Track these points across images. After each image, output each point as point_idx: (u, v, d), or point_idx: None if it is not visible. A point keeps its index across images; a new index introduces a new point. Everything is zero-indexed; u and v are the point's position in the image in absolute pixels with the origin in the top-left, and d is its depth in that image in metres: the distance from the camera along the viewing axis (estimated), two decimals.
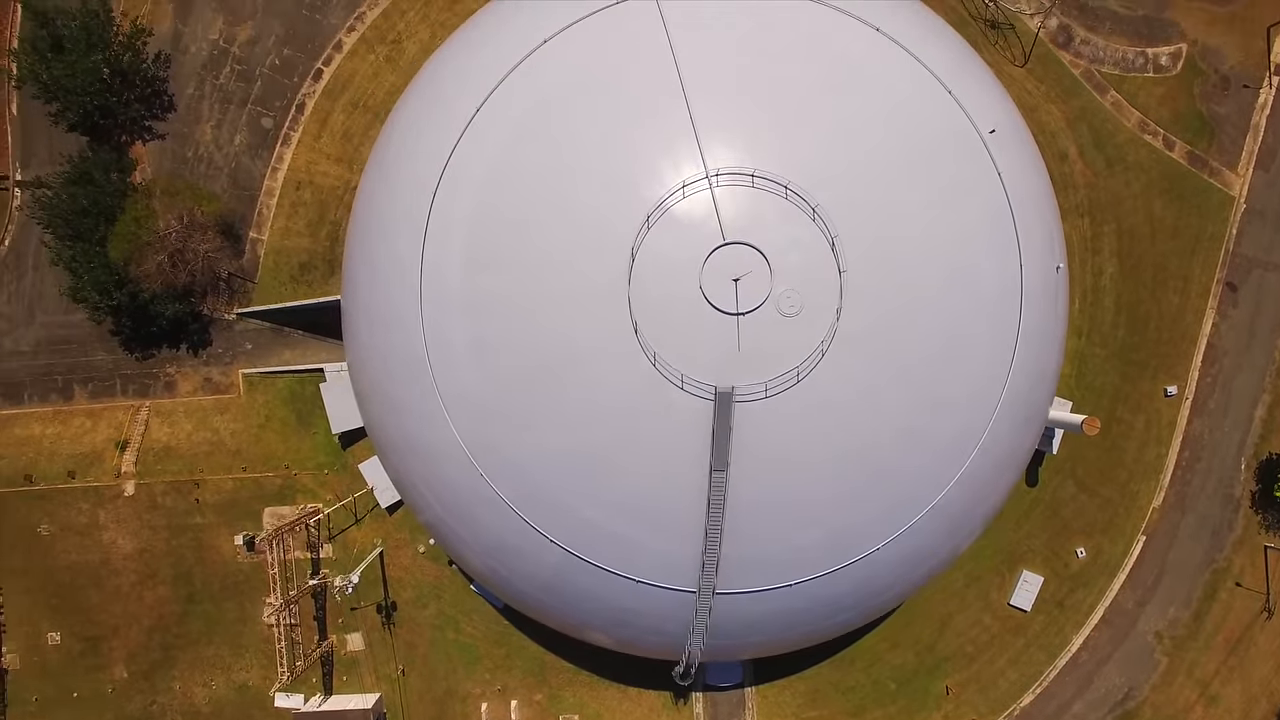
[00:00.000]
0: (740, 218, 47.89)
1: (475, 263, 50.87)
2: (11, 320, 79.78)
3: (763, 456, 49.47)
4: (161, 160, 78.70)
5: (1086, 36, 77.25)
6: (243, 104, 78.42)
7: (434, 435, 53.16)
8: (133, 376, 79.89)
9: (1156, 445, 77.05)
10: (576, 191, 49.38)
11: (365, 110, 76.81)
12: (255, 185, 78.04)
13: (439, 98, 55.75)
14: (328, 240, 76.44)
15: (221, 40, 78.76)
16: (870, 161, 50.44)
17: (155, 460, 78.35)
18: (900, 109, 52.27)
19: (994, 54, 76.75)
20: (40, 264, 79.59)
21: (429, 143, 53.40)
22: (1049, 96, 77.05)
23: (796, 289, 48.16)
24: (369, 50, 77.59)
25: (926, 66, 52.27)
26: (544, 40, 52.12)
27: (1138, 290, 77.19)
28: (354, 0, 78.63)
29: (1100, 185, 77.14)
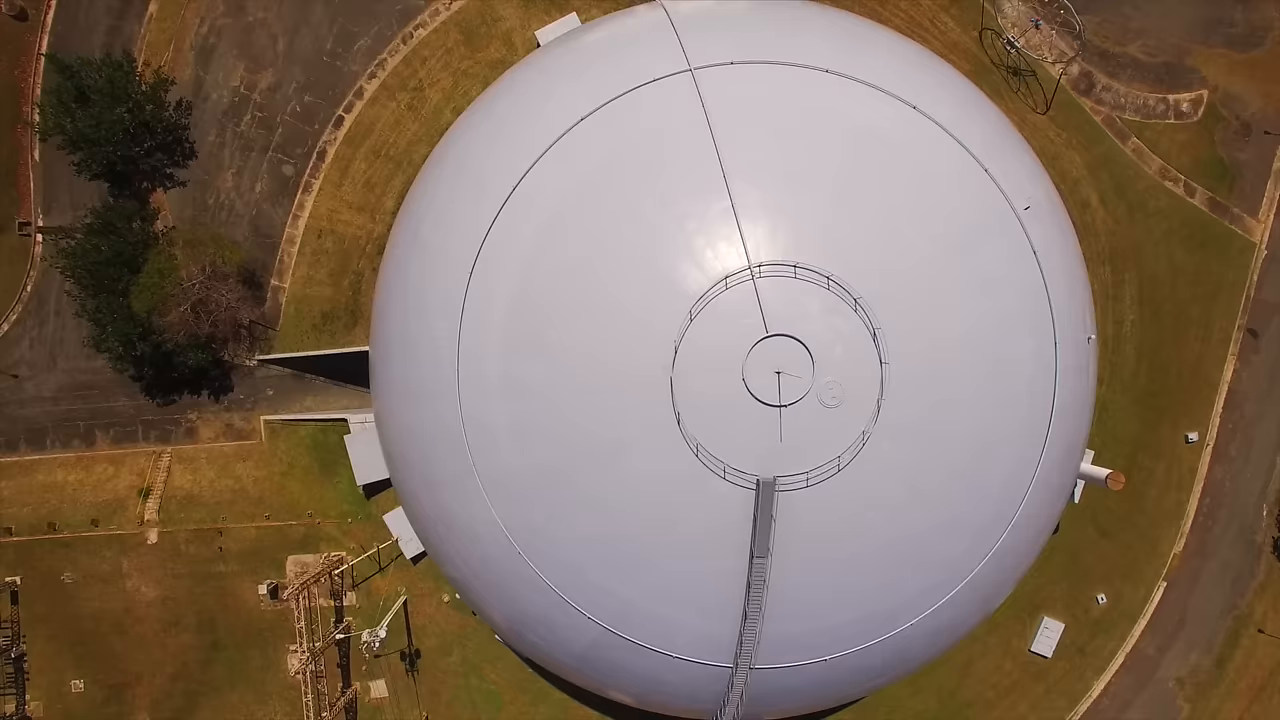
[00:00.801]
0: (783, 309, 48.09)
1: (514, 347, 50.99)
2: (34, 366, 79.84)
3: (802, 542, 49.75)
4: (183, 207, 78.66)
5: (1108, 83, 77.34)
6: (264, 151, 78.35)
7: (471, 512, 53.37)
8: (154, 422, 79.97)
9: (1177, 491, 77.38)
10: (617, 282, 49.50)
11: (387, 159, 76.75)
12: (276, 233, 78.04)
13: (472, 173, 55.69)
14: (350, 290, 76.44)
15: (242, 87, 78.68)
16: (910, 248, 50.63)
17: (178, 508, 78.49)
18: (939, 191, 52.37)
19: (1016, 101, 76.74)
20: (62, 310, 79.66)
21: (463, 221, 53.49)
22: (1070, 144, 77.15)
23: (838, 381, 48.40)
24: (390, 98, 77.54)
25: (964, 145, 52.44)
26: (579, 119, 52.06)
27: (1159, 337, 77.42)
28: (375, 47, 78.32)
29: (1121, 232, 77.32)
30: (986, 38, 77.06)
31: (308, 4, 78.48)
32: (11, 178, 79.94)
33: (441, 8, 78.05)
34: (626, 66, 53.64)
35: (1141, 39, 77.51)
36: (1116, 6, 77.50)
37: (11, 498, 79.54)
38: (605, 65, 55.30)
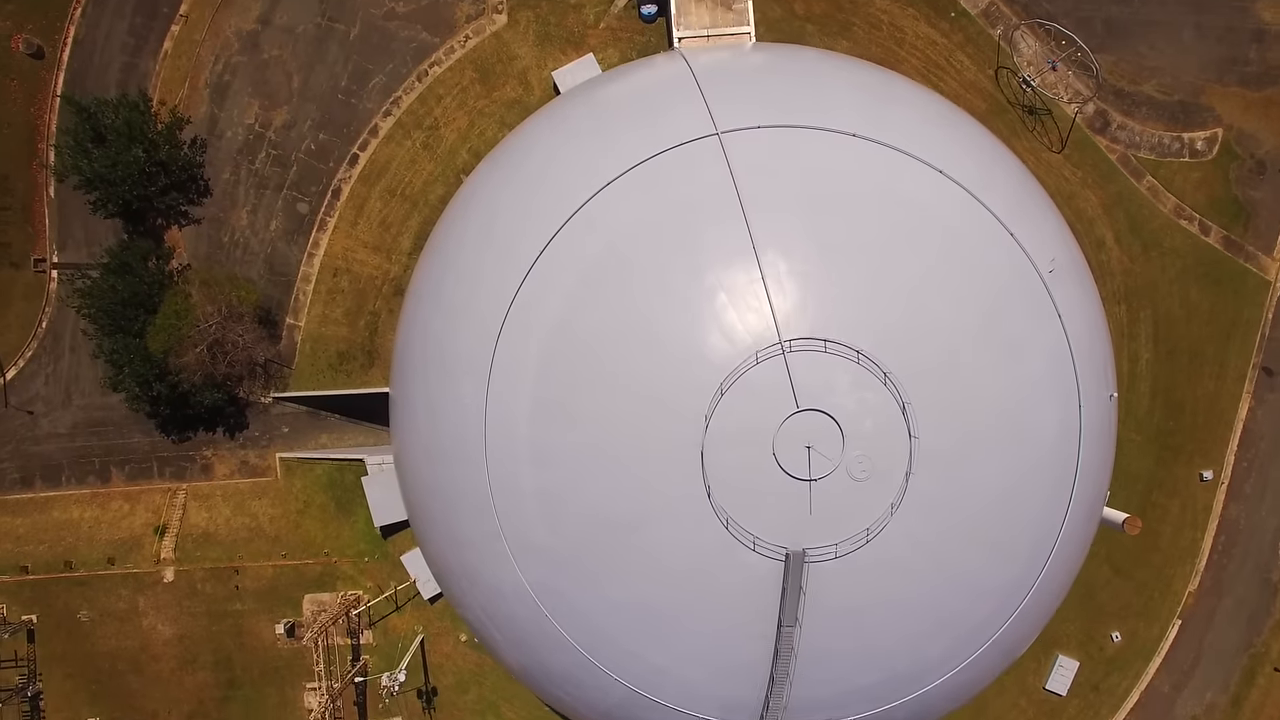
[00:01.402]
0: (813, 383, 48.29)
1: (543, 415, 51.13)
2: (49, 402, 79.96)
3: (830, 610, 50.03)
4: (197, 245, 78.72)
5: (1123, 121, 77.50)
6: (279, 189, 78.40)
7: (498, 574, 53.57)
8: (169, 459, 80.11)
9: (1192, 530, 77.69)
10: (647, 353, 49.65)
11: (403, 199, 76.83)
12: (291, 271, 78.11)
13: (497, 234, 55.78)
14: (366, 331, 76.54)
15: (257, 125, 78.71)
16: (938, 319, 50.80)
17: (194, 546, 78.67)
18: (966, 258, 52.57)
19: (1031, 140, 76.89)
20: (78, 346, 79.79)
21: (489, 282, 53.58)
22: (1085, 182, 77.34)
23: (868, 455, 48.65)
24: (405, 135, 77.59)
25: (990, 209, 52.58)
26: (605, 183, 52.15)
27: (1173, 375, 77.69)
28: (389, 85, 78.36)
29: (1136, 271, 77.54)
30: (1002, 76, 77.04)
31: (323, 41, 78.40)
32: (27, 214, 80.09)
33: (456, 45, 78.05)
34: (652, 128, 53.67)
35: (1156, 77, 77.64)
36: (1131, 45, 77.57)
37: (28, 535, 79.65)
38: (630, 125, 55.33)
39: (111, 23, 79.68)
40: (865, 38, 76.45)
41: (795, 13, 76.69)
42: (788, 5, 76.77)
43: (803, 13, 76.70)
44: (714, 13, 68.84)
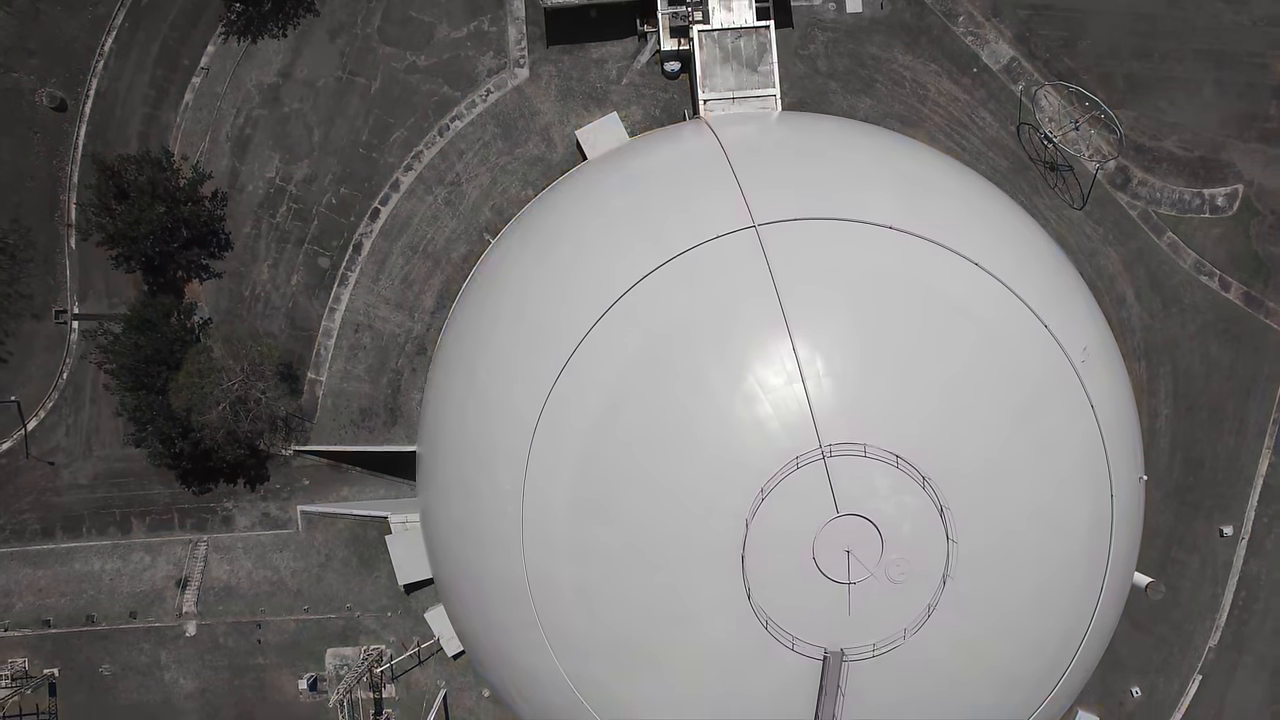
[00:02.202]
0: (853, 487, 48.54)
1: (582, 512, 51.33)
2: (70, 453, 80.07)
3: (866, 707, 50.34)
4: (219, 299, 78.79)
5: (1144, 178, 77.66)
6: (300, 243, 78.45)
7: (535, 660, 53.83)
8: (190, 510, 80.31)
9: (1212, 585, 77.98)
10: (688, 453, 49.86)
11: (425, 256, 76.91)
12: (313, 326, 78.22)
13: (531, 322, 55.91)
14: (389, 389, 76.67)
15: (278, 178, 78.79)
16: (975, 419, 51.08)
17: (216, 600, 78.83)
18: (1001, 354, 52.79)
19: (1053, 198, 77.05)
20: (98, 397, 79.87)
21: (525, 374, 53.75)
22: (1107, 239, 77.53)
23: (906, 558, 48.96)
24: (427, 191, 77.67)
25: (1024, 301, 52.77)
26: (642, 276, 52.26)
27: (1193, 432, 77.92)
28: (410, 139, 78.42)
29: (1156, 327, 77.71)
30: (1024, 132, 77.16)
31: (343, 95, 78.48)
32: (49, 266, 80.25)
33: (478, 99, 78.10)
34: (687, 214, 53.78)
35: (1177, 133, 77.77)
36: (1152, 101, 77.70)
37: (49, 587, 79.82)
38: (664, 210, 55.41)
39: (133, 75, 79.71)
40: (888, 95, 76.49)
41: (818, 69, 76.73)
42: (810, 62, 76.79)
43: (826, 70, 76.73)
44: (739, 75, 68.93)
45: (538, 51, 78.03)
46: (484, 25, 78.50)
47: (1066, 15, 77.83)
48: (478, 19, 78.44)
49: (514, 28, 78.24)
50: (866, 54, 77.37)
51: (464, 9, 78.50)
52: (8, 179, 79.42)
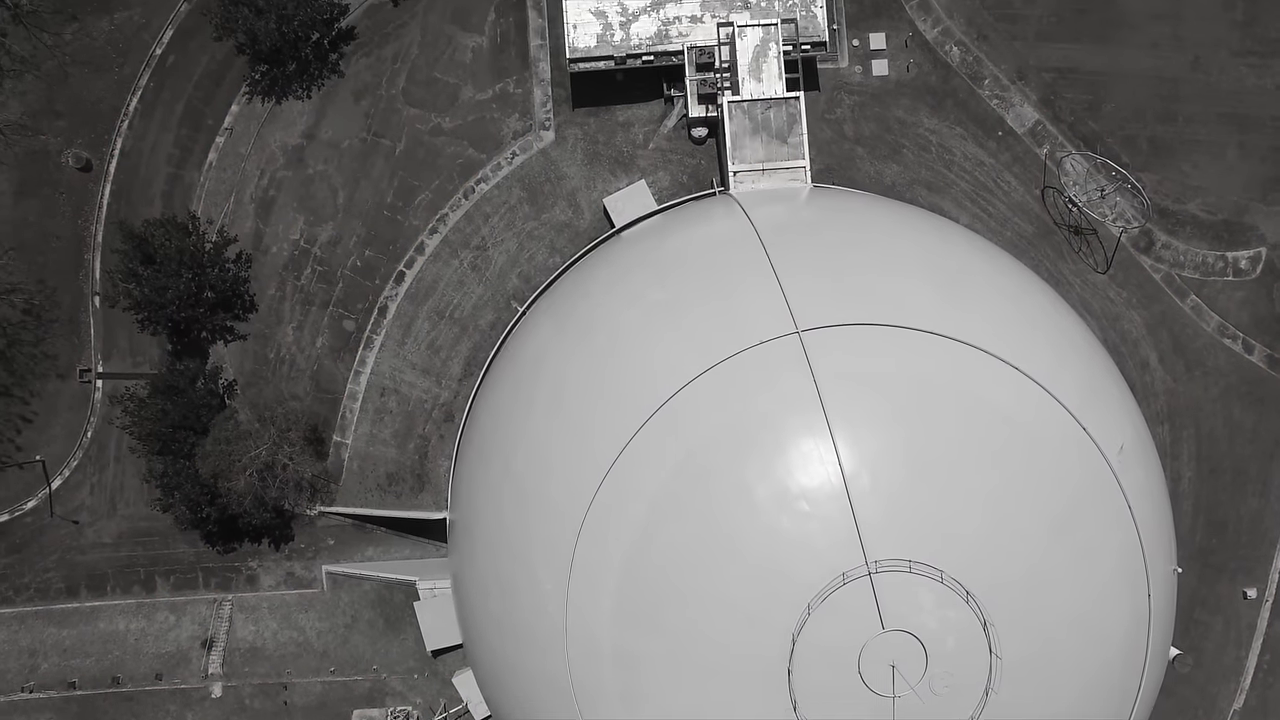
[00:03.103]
0: (898, 603, 48.94)
1: (627, 620, 51.62)
2: (94, 512, 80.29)
3: None
4: (243, 361, 78.96)
5: (1168, 241, 77.98)
6: (324, 306, 78.63)
7: None
8: (215, 570, 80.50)
9: (1235, 648, 78.37)
10: (734, 567, 50.21)
11: (452, 321, 77.06)
12: (338, 389, 78.40)
13: (571, 418, 56.18)
14: (416, 454, 76.84)
15: (303, 240, 78.94)
16: (1017, 530, 51.52)
17: (242, 661, 79.04)
18: (1041, 461, 53.19)
19: (1077, 262, 77.37)
20: (122, 456, 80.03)
21: (567, 473, 54.03)
22: (1130, 303, 77.85)
23: (950, 671, 49.30)
24: (452, 254, 77.81)
25: (1064, 406, 53.10)
26: (685, 383, 52.47)
27: (1216, 494, 78.29)
28: (435, 201, 78.62)
29: (1179, 391, 78.07)
30: (1049, 196, 77.42)
31: (368, 156, 78.64)
32: (74, 325, 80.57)
33: (503, 162, 78.28)
34: (729, 318, 53.98)
35: (1201, 196, 78.10)
36: (1176, 164, 78.05)
37: (74, 647, 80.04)
38: (705, 311, 55.60)
39: (158, 135, 79.90)
40: (915, 160, 76.74)
41: (845, 134, 76.95)
42: (837, 127, 76.99)
43: (852, 135, 76.94)
44: (769, 146, 69.17)
45: (563, 114, 78.10)
46: (509, 87, 78.60)
47: (1091, 79, 78.06)
48: (503, 81, 78.54)
49: (539, 90, 78.35)
50: (893, 118, 77.51)
51: (489, 71, 78.60)
52: (34, 240, 79.53)
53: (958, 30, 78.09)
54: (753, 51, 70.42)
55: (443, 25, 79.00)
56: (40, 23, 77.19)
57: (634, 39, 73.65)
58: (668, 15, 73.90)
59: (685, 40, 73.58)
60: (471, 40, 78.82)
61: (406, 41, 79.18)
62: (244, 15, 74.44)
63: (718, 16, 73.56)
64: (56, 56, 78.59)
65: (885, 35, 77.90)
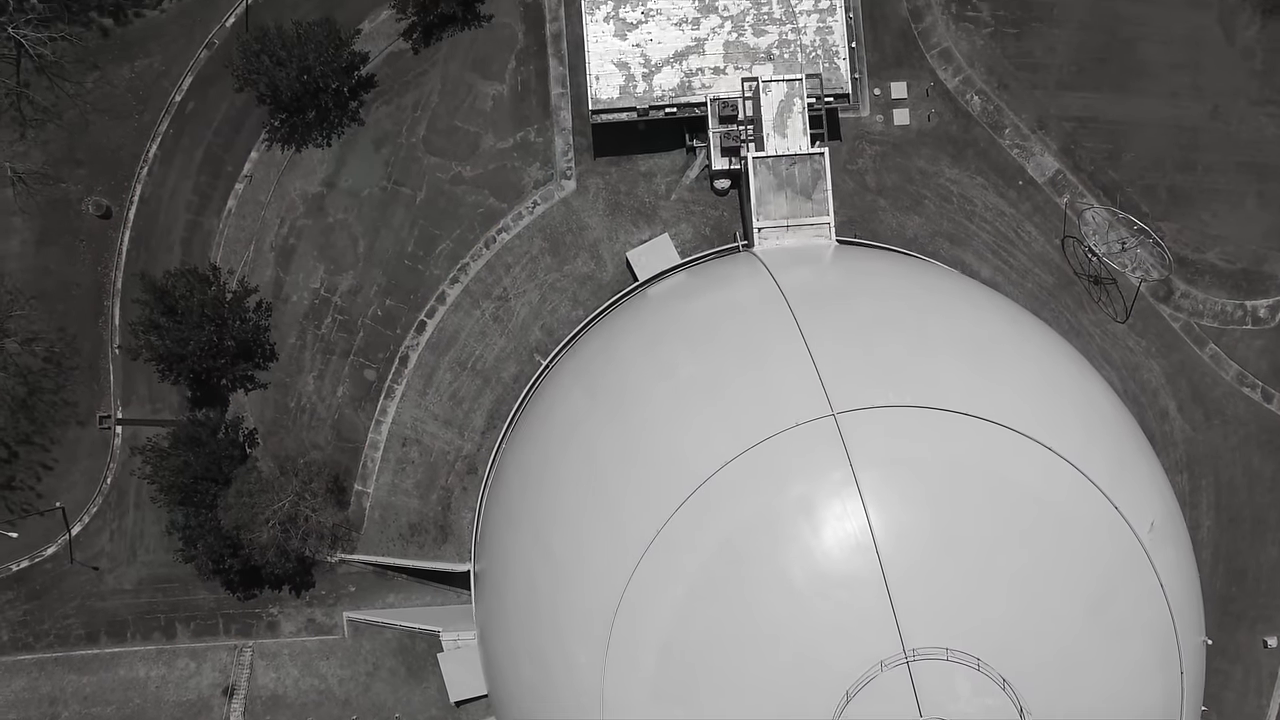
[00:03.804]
0: (935, 690, 49.22)
1: (664, 698, 51.93)
2: (114, 558, 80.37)
3: None
4: (264, 410, 79.02)
5: (1186, 290, 78.23)
6: (345, 355, 78.71)
7: None
8: (235, 616, 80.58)
9: (1256, 696, 78.79)
10: (772, 652, 50.45)
11: (474, 373, 77.14)
12: (359, 438, 78.49)
13: (606, 495, 56.39)
14: (439, 506, 76.97)
15: (323, 289, 78.98)
16: (1051, 613, 51.93)
17: (264, 709, 79.30)
18: (1073, 542, 53.54)
19: (1097, 312, 77.62)
20: (142, 503, 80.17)
21: (602, 551, 54.31)
22: (1150, 352, 78.14)
23: None
24: (474, 305, 77.87)
25: (1095, 484, 53.35)
26: (721, 466, 52.69)
27: (1235, 542, 78.63)
28: (456, 251, 78.71)
29: (1198, 439, 78.38)
30: (1069, 246, 77.64)
31: (388, 205, 78.72)
32: (94, 372, 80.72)
33: (524, 211, 78.42)
34: (763, 399, 54.19)
35: (1220, 245, 78.39)
36: (1195, 213, 78.34)
37: (95, 695, 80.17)
38: (739, 389, 55.80)
39: (177, 181, 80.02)
40: (936, 212, 76.98)
41: (867, 185, 77.11)
42: (859, 178, 77.15)
43: (874, 186, 77.12)
44: (793, 202, 69.35)
45: (585, 163, 78.16)
46: (530, 136, 78.62)
47: (1111, 128, 78.28)
48: (524, 129, 78.55)
49: (560, 139, 78.38)
50: (914, 168, 77.67)
51: (510, 119, 78.62)
52: (55, 288, 79.64)
53: (979, 79, 78.13)
54: (777, 107, 70.39)
55: (463, 73, 78.70)
56: (62, 72, 77.19)
57: (657, 91, 73.63)
58: (690, 67, 73.82)
59: (708, 92, 73.54)
60: (492, 88, 78.69)
61: (427, 89, 78.99)
62: (265, 66, 74.19)
63: (741, 69, 73.45)
64: (78, 105, 78.60)
65: (906, 84, 77.93)
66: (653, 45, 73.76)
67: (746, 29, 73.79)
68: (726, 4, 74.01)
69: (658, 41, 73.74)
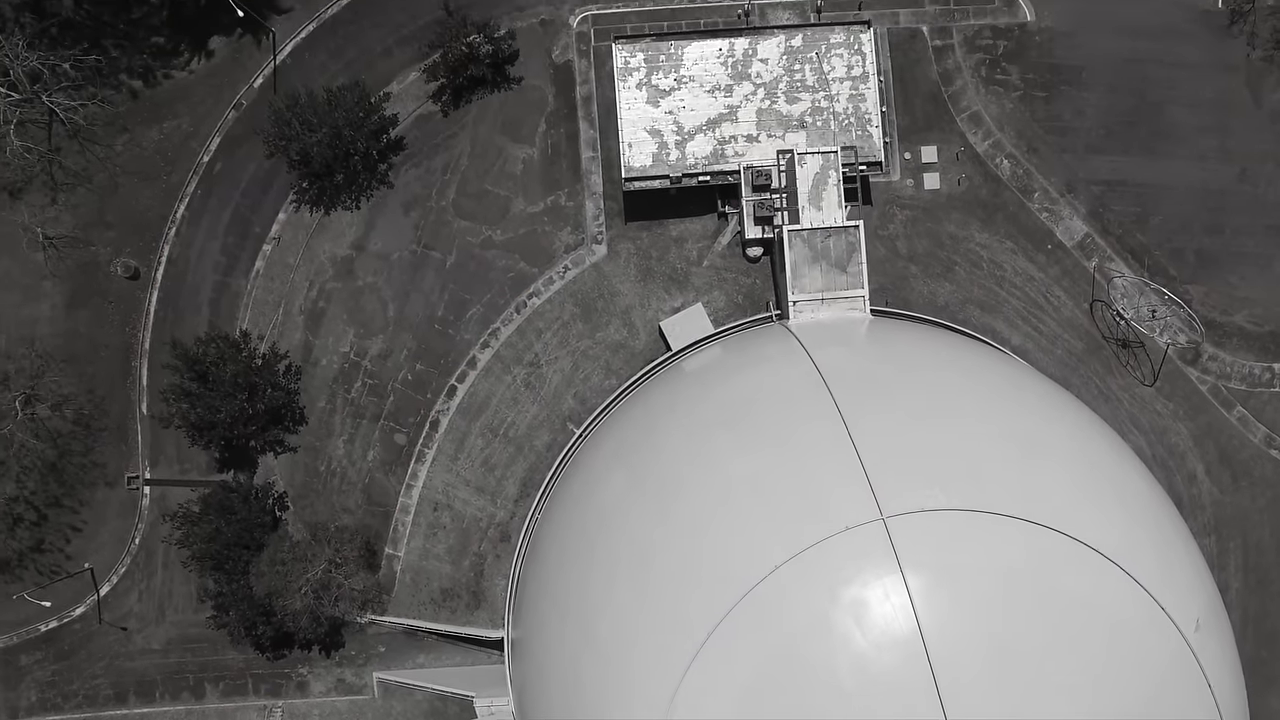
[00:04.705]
0: None
1: None
2: (142, 619, 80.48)
3: None
4: (293, 473, 79.12)
5: (1214, 353, 78.68)
6: (375, 419, 78.78)
7: None
8: (264, 676, 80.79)
9: None
10: None
11: (506, 440, 77.26)
12: (390, 502, 78.65)
13: (652, 590, 56.60)
14: (472, 572, 77.20)
15: (353, 353, 79.02)
16: (1100, 717, 52.24)
17: None
18: (1122, 642, 53.83)
19: (1124, 376, 78.01)
20: (170, 563, 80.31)
21: (650, 647, 54.56)
22: (1177, 415, 78.58)
23: None
24: (505, 370, 78.00)
25: (1144, 587, 53.75)
26: (772, 570, 52.99)
27: (1264, 605, 79.20)
28: (487, 315, 78.77)
29: (1226, 502, 78.87)
30: (1097, 309, 78.00)
31: (418, 269, 78.77)
32: (122, 432, 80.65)
33: (555, 276, 78.54)
34: (813, 501, 54.40)
35: (1248, 308, 78.80)
36: (1223, 276, 78.77)
37: None
38: (787, 491, 56.04)
39: (205, 242, 79.99)
40: (967, 279, 77.24)
41: (898, 252, 77.33)
42: (890, 244, 77.40)
43: (906, 252, 77.35)
44: (828, 275, 69.60)
45: (616, 228, 78.27)
46: (561, 200, 78.68)
47: (1139, 191, 78.64)
48: (554, 194, 78.63)
49: (591, 203, 78.49)
50: (945, 233, 77.91)
51: (540, 183, 78.70)
52: (84, 350, 79.64)
53: (1008, 143, 78.40)
54: (813, 179, 70.62)
55: (493, 136, 78.68)
56: (93, 136, 77.18)
57: (690, 158, 73.80)
58: (724, 134, 73.93)
59: (741, 160, 73.55)
60: (522, 152, 78.68)
61: (456, 153, 78.98)
62: (296, 131, 74.06)
63: (774, 136, 73.63)
64: (108, 168, 78.66)
65: (937, 148, 78.08)
66: (685, 112, 73.86)
67: (779, 96, 73.71)
68: (759, 71, 73.70)
69: (690, 109, 73.72)
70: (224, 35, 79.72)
